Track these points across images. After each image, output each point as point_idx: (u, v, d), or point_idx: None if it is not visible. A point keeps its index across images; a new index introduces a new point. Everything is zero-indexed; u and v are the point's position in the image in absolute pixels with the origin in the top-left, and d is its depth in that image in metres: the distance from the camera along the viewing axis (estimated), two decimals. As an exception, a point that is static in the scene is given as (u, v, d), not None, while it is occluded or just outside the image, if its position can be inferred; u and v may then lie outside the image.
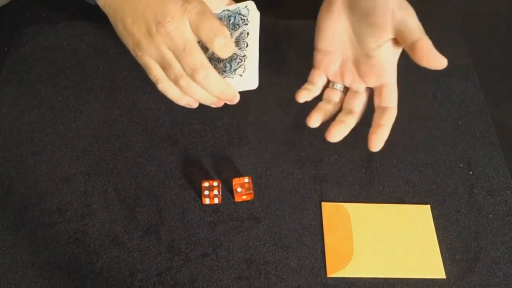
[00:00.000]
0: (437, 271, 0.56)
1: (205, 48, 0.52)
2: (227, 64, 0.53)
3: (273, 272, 0.56)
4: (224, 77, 0.52)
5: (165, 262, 0.57)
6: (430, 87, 0.72)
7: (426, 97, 0.71)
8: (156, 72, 0.52)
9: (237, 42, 0.53)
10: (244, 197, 0.60)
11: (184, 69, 0.50)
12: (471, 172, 0.64)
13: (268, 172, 0.63)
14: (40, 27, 0.78)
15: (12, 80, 0.72)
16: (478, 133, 0.67)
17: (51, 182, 0.62)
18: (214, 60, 0.54)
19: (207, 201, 0.60)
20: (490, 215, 0.60)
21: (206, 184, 0.60)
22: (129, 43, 0.53)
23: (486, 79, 0.73)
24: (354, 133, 0.67)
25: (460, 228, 0.59)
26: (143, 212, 0.60)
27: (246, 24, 0.54)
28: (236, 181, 0.61)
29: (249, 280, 0.56)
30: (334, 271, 0.56)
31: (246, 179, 0.61)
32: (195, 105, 0.54)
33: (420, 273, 0.56)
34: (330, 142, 0.66)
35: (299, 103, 0.57)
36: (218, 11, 0.55)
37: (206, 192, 0.60)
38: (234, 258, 0.57)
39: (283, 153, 0.65)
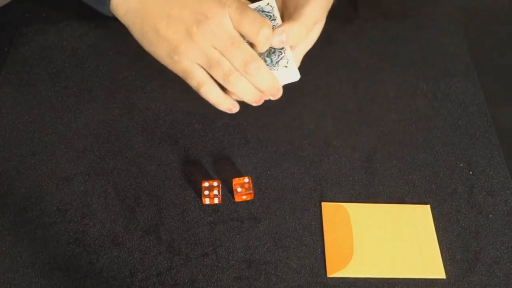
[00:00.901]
0: (437, 271, 0.56)
1: None
2: (267, 58, 0.53)
3: (273, 272, 0.56)
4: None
5: (165, 262, 0.57)
6: (430, 87, 0.72)
7: (426, 97, 0.71)
8: (198, 76, 0.51)
9: None
10: (244, 197, 0.60)
11: (234, 65, 0.50)
12: (471, 172, 0.64)
13: (268, 172, 0.63)
14: (40, 27, 0.78)
15: (12, 80, 0.72)
16: (478, 133, 0.67)
17: (51, 182, 0.62)
18: None
19: (207, 201, 0.60)
20: (490, 215, 0.60)
21: (206, 184, 0.60)
22: (162, 50, 0.52)
23: (486, 79, 0.73)
24: (354, 133, 0.68)
25: (460, 228, 0.59)
26: (143, 212, 0.60)
27: (274, 19, 0.54)
28: (236, 181, 0.61)
29: (249, 280, 0.56)
30: (334, 271, 0.56)
31: (246, 179, 0.61)
32: (235, 109, 0.54)
33: (420, 273, 0.56)
34: (330, 142, 0.66)
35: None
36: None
37: (206, 192, 0.60)
38: (234, 258, 0.57)
39: (283, 153, 0.65)
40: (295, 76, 0.54)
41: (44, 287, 0.55)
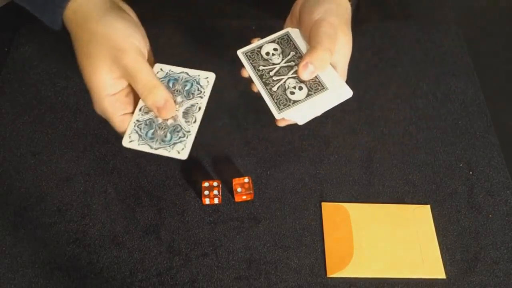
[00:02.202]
0: (437, 271, 0.56)
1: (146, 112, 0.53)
2: (168, 134, 0.51)
3: (273, 272, 0.56)
4: (158, 148, 0.51)
5: (165, 262, 0.57)
6: (430, 87, 0.72)
7: (426, 97, 0.71)
8: None
9: (186, 114, 0.52)
10: (244, 197, 0.60)
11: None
12: (471, 172, 0.64)
13: (268, 172, 0.63)
14: (40, 27, 0.78)
15: (12, 80, 0.72)
16: (478, 133, 0.67)
17: (51, 182, 0.62)
18: (156, 124, 0.52)
19: (207, 201, 0.60)
20: (490, 215, 0.60)
21: (206, 184, 0.60)
22: None
23: (486, 79, 0.73)
24: (354, 133, 0.68)
25: (460, 228, 0.59)
26: (143, 212, 0.60)
27: (201, 98, 0.53)
28: (236, 181, 0.61)
29: (249, 280, 0.56)
30: (334, 271, 0.56)
31: (246, 179, 0.61)
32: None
33: (420, 273, 0.56)
34: (330, 142, 0.66)
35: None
36: (177, 70, 0.54)
37: (206, 192, 0.60)
38: (234, 258, 0.57)
39: (283, 153, 0.65)
40: (346, 94, 0.53)
41: (44, 287, 0.55)
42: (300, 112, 0.52)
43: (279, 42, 0.56)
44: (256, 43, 0.56)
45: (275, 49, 0.56)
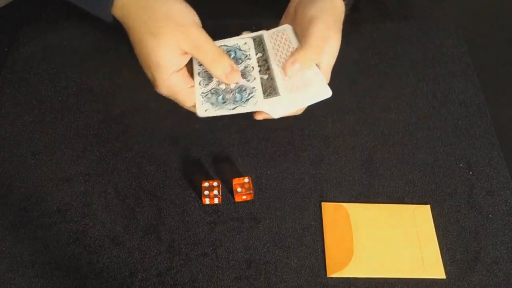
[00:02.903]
0: (437, 271, 0.56)
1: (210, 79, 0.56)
2: (237, 95, 0.54)
3: (273, 272, 0.56)
4: (235, 107, 0.53)
5: (165, 262, 0.57)
6: (430, 87, 0.72)
7: (426, 97, 0.71)
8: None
9: (244, 75, 0.55)
10: (244, 197, 0.60)
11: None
12: (471, 172, 0.64)
13: (268, 172, 0.63)
14: (40, 27, 0.78)
15: (12, 80, 0.72)
16: (478, 133, 0.67)
17: (51, 182, 0.62)
18: (221, 91, 0.55)
19: (207, 201, 0.60)
20: (490, 215, 0.60)
21: (206, 184, 0.60)
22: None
23: (486, 79, 0.73)
24: (354, 133, 0.68)
25: (460, 228, 0.59)
26: (143, 212, 0.60)
27: (250, 59, 0.56)
28: (236, 181, 0.61)
29: (249, 280, 0.56)
30: (334, 271, 0.56)
31: (246, 179, 0.61)
32: None
33: (420, 273, 0.56)
34: (330, 142, 0.66)
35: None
36: (217, 43, 0.57)
37: (206, 192, 0.60)
38: (234, 258, 0.57)
39: (283, 153, 0.65)
40: (326, 94, 0.54)
41: (44, 287, 0.55)
42: (278, 106, 0.53)
43: (274, 37, 0.58)
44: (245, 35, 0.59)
45: (267, 44, 0.57)
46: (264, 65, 0.56)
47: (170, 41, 0.52)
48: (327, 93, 0.54)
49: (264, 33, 0.59)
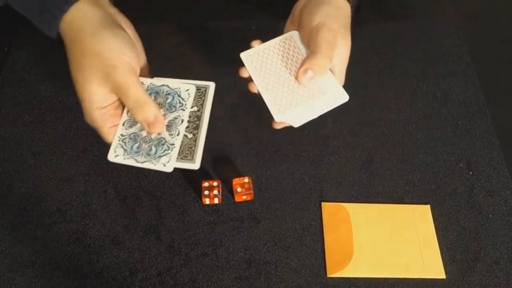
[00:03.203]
0: (437, 271, 0.56)
1: (133, 124, 0.54)
2: (153, 148, 0.52)
3: (273, 272, 0.56)
4: (144, 162, 0.51)
5: (165, 262, 0.57)
6: (430, 87, 0.72)
7: (426, 97, 0.71)
8: None
9: (169, 127, 0.53)
10: (244, 197, 0.60)
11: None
12: (471, 172, 0.64)
13: (268, 172, 0.63)
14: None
15: (12, 80, 0.72)
16: (478, 133, 0.67)
17: (51, 182, 0.62)
18: (141, 138, 0.53)
19: (207, 201, 0.60)
20: (490, 215, 0.60)
21: (206, 184, 0.60)
22: None
23: (486, 79, 0.73)
24: (354, 133, 0.68)
25: (460, 228, 0.59)
26: (143, 212, 0.60)
27: (183, 110, 0.54)
28: (236, 181, 0.61)
29: (249, 280, 0.56)
30: (334, 271, 0.56)
31: (246, 179, 0.61)
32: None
33: (420, 273, 0.56)
34: (330, 142, 0.66)
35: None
36: (158, 83, 0.55)
37: (206, 192, 0.60)
38: (234, 258, 0.57)
39: (283, 153, 0.65)
40: (343, 98, 0.53)
41: (44, 287, 0.55)
42: (297, 114, 0.53)
43: (282, 45, 0.56)
44: (258, 45, 0.57)
45: (277, 53, 0.56)
46: (195, 122, 0.54)
47: (94, 79, 0.51)
48: (344, 97, 0.53)
49: (293, 34, 0.57)
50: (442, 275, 0.56)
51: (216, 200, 0.60)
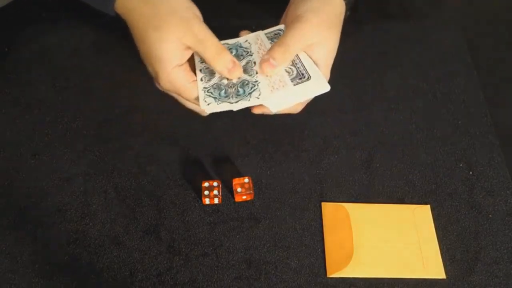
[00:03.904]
0: (437, 271, 0.56)
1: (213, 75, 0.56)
2: (239, 89, 0.54)
3: (273, 272, 0.56)
4: (238, 100, 0.53)
5: (165, 262, 0.57)
6: (430, 87, 0.72)
7: (426, 97, 0.71)
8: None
9: (245, 70, 0.56)
10: (244, 197, 0.60)
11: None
12: (471, 172, 0.64)
13: (268, 172, 0.63)
14: (40, 27, 0.78)
15: (12, 80, 0.72)
16: (478, 133, 0.67)
17: (51, 182, 0.62)
18: (224, 85, 0.55)
19: (207, 201, 0.60)
20: (490, 215, 0.60)
21: (206, 184, 0.60)
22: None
23: (486, 79, 0.73)
24: (354, 133, 0.68)
25: (460, 228, 0.59)
26: (143, 212, 0.60)
27: (251, 55, 0.57)
28: (236, 181, 0.61)
29: (249, 280, 0.56)
30: (334, 271, 0.56)
31: (246, 179, 0.61)
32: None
33: (420, 273, 0.56)
34: (330, 142, 0.66)
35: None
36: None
37: (206, 192, 0.60)
38: (234, 258, 0.57)
39: (283, 153, 0.65)
40: (324, 88, 0.54)
41: (44, 287, 0.55)
42: (275, 100, 0.53)
43: (270, 36, 0.58)
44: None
45: (251, 46, 0.58)
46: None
47: (173, 35, 0.52)
48: (325, 87, 0.54)
49: (260, 33, 0.59)
50: (442, 275, 0.56)
51: (216, 200, 0.60)
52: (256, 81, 0.54)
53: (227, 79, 0.55)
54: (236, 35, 0.61)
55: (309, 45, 0.55)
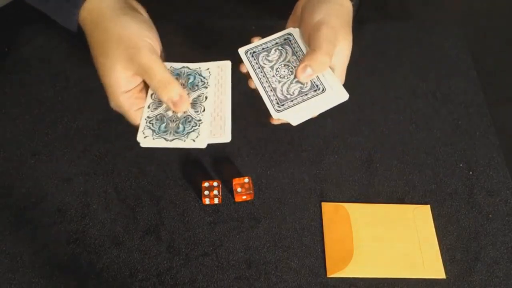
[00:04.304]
0: (437, 271, 0.56)
1: (158, 105, 0.54)
2: (180, 125, 0.53)
3: (273, 272, 0.56)
4: (173, 139, 0.52)
5: (165, 262, 0.57)
6: (430, 87, 0.72)
7: (426, 97, 0.71)
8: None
9: (194, 105, 0.54)
10: (244, 197, 0.60)
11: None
12: (471, 172, 0.64)
13: (268, 172, 0.63)
14: (40, 27, 0.78)
15: (12, 81, 0.72)
16: (478, 133, 0.67)
17: (51, 182, 0.62)
18: (167, 118, 0.53)
19: (207, 201, 0.60)
20: (490, 215, 0.60)
21: (206, 184, 0.60)
22: None
23: (486, 79, 0.73)
24: (354, 133, 0.68)
25: (460, 228, 0.59)
26: (143, 212, 0.60)
27: (206, 88, 0.55)
28: (236, 181, 0.61)
29: (249, 280, 0.56)
30: (334, 271, 0.56)
31: (246, 179, 0.61)
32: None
33: (420, 273, 0.56)
34: (330, 142, 0.66)
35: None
36: (177, 66, 0.56)
37: (206, 192, 0.60)
38: (234, 258, 0.57)
39: (283, 153, 0.65)
40: (343, 97, 0.53)
41: (44, 287, 0.55)
42: (296, 112, 0.52)
43: (281, 42, 0.56)
44: (257, 41, 0.57)
45: (276, 49, 0.56)
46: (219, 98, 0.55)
47: (119, 64, 0.51)
48: (344, 96, 0.53)
49: (291, 30, 0.57)
50: (442, 275, 0.56)
51: (216, 200, 0.60)
52: (199, 120, 0.53)
53: (173, 111, 0.54)
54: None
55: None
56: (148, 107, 0.54)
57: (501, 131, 0.68)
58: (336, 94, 0.53)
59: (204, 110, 0.53)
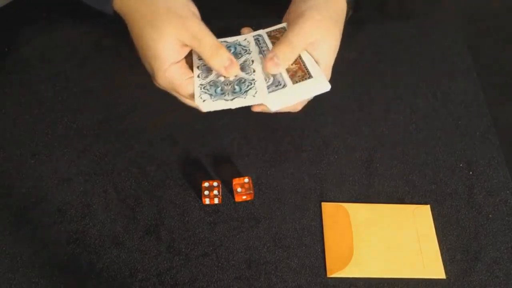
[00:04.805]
0: (437, 271, 0.56)
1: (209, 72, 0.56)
2: (236, 86, 0.54)
3: (273, 272, 0.56)
4: (234, 98, 0.53)
5: (165, 262, 0.57)
6: (430, 87, 0.72)
7: (426, 97, 0.71)
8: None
9: (243, 68, 0.56)
10: (244, 197, 0.60)
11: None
12: (471, 172, 0.64)
13: (268, 172, 0.63)
14: (40, 27, 0.78)
15: (12, 81, 0.72)
16: (478, 133, 0.67)
17: (51, 182, 0.62)
18: (220, 83, 0.55)
19: (207, 201, 0.60)
20: (490, 215, 0.60)
21: (206, 184, 0.60)
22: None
23: (486, 79, 0.73)
24: (354, 133, 0.68)
25: (460, 228, 0.59)
26: (143, 212, 0.60)
27: (249, 53, 0.57)
28: (236, 181, 0.61)
29: (249, 280, 0.56)
30: (334, 271, 0.56)
31: (246, 179, 0.61)
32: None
33: (420, 273, 0.56)
34: (330, 142, 0.66)
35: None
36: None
37: (206, 192, 0.60)
38: (234, 258, 0.57)
39: (283, 153, 0.65)
40: (324, 87, 0.54)
41: (44, 287, 0.55)
42: (275, 98, 0.53)
43: (254, 39, 0.59)
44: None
45: (250, 45, 0.59)
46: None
47: (170, 33, 0.52)
48: (326, 86, 0.53)
49: (261, 31, 0.59)
50: (442, 275, 0.56)
51: (216, 200, 0.60)
52: (253, 80, 0.54)
53: (224, 76, 0.55)
54: (236, 34, 0.61)
55: (312, 43, 0.55)
56: (198, 76, 0.55)
57: (501, 131, 0.68)
58: (317, 84, 0.53)
59: (254, 71, 0.55)
